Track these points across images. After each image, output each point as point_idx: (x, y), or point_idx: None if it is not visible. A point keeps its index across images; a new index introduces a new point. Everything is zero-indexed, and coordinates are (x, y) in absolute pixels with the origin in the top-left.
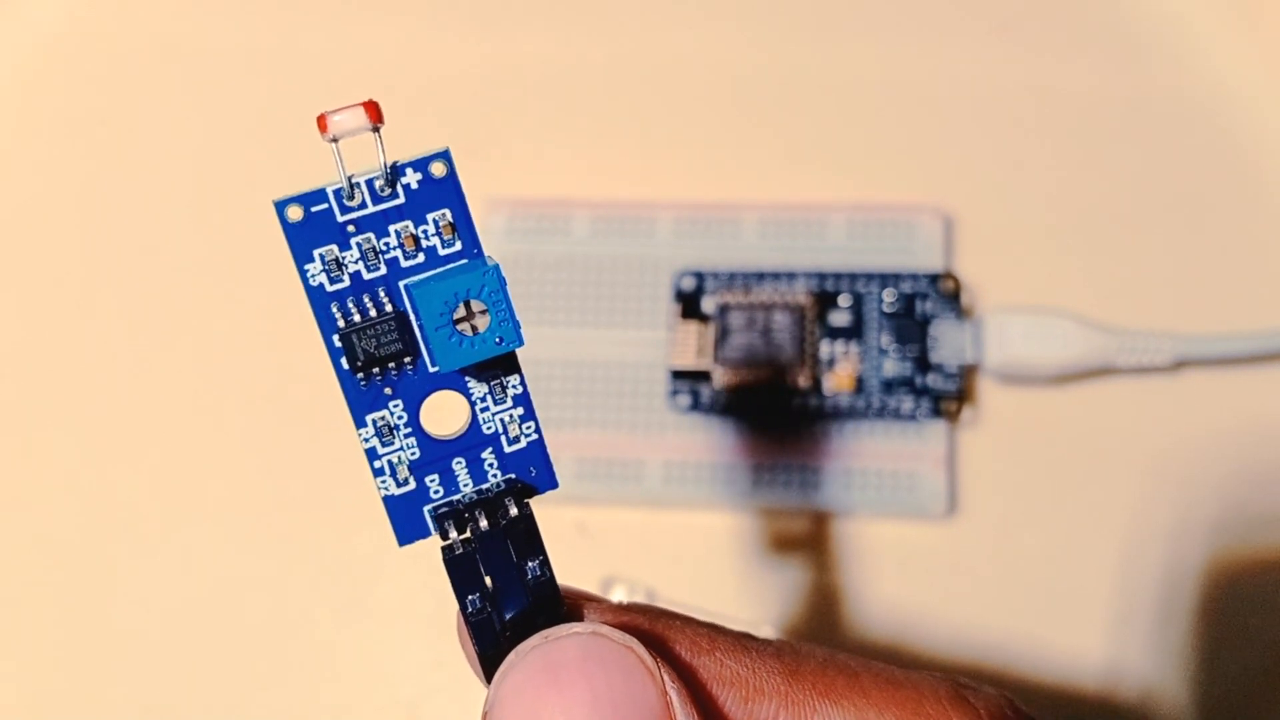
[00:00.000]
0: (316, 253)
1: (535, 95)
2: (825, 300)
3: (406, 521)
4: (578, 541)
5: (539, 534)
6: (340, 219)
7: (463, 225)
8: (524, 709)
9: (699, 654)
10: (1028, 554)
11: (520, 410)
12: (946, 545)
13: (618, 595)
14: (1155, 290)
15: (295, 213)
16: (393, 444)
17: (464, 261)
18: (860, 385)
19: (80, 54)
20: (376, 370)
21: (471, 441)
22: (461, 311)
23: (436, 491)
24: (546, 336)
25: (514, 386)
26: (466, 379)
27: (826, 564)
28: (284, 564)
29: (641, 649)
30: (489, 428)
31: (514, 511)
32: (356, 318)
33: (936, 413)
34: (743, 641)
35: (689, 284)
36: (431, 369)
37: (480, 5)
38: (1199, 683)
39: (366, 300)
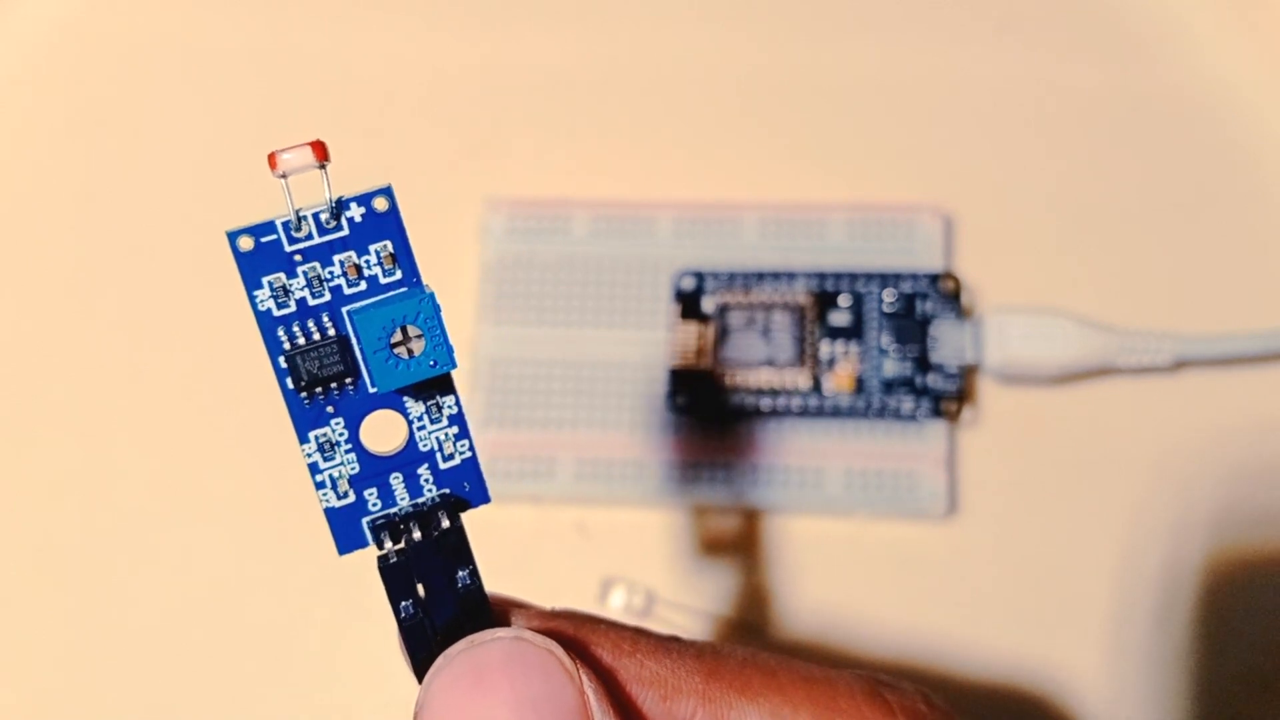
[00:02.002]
0: (265, 280)
1: (535, 95)
2: (825, 300)
3: (346, 532)
4: (577, 541)
5: (469, 545)
6: (288, 249)
7: (403, 256)
8: (450, 709)
9: (620, 656)
10: (1028, 554)
11: (455, 429)
12: (946, 545)
13: (618, 595)
14: (1155, 290)
15: (246, 243)
16: (334, 459)
17: (403, 290)
18: (860, 385)
19: (79, 54)
20: (319, 390)
21: (409, 458)
22: (399, 336)
23: (374, 504)
24: (546, 336)
25: (449, 407)
26: (404, 399)
27: (826, 564)
28: (284, 564)
29: (561, 652)
30: (425, 445)
31: (446, 524)
32: (301, 341)
33: (936, 413)
34: (664, 643)
35: (689, 284)
36: (371, 389)
37: (480, 5)
38: (1199, 682)
39: (311, 325)
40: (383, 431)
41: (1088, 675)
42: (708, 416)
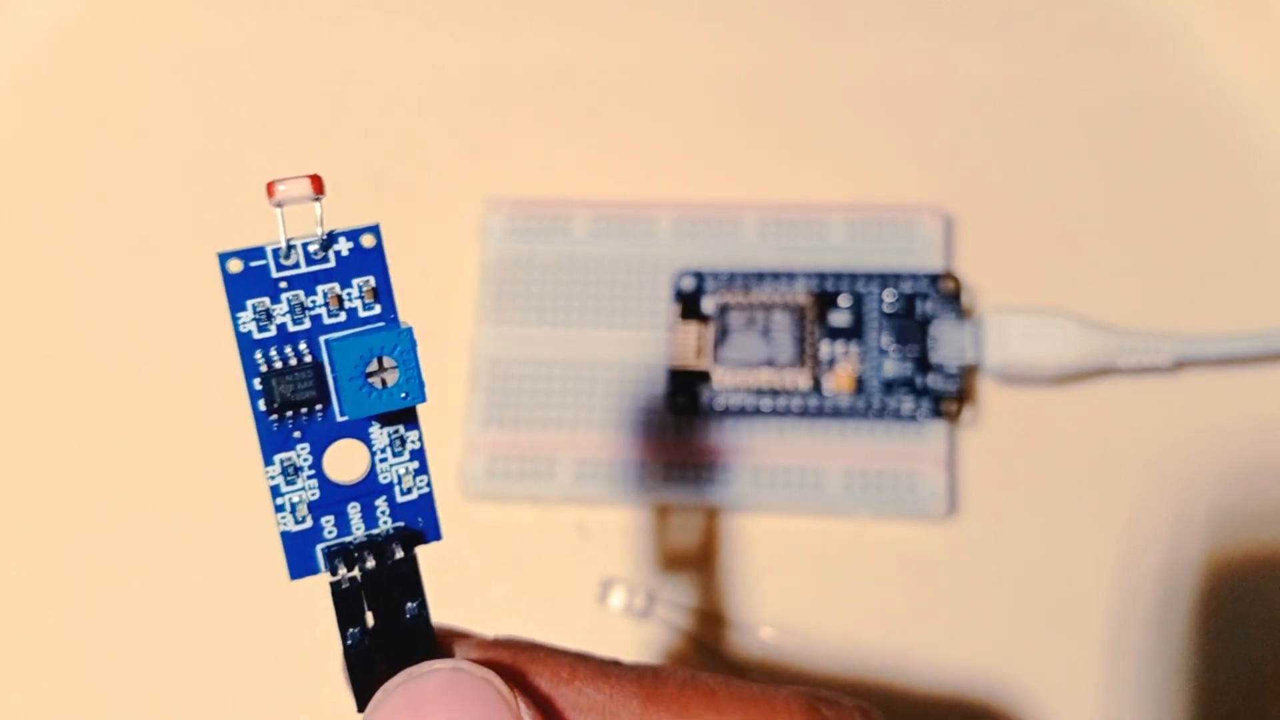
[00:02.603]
0: (249, 303)
1: (535, 95)
2: (825, 300)
3: (299, 557)
4: (577, 541)
5: (420, 577)
6: (275, 275)
7: (384, 291)
8: None
9: (559, 684)
10: (1028, 554)
11: (416, 464)
12: (946, 545)
13: (617, 595)
14: (1155, 290)
15: (235, 265)
16: (295, 484)
17: (381, 324)
18: (860, 385)
19: (79, 54)
20: (290, 413)
21: (368, 489)
22: (374, 366)
23: (330, 531)
24: (546, 336)
25: (413, 442)
26: (370, 431)
27: (826, 564)
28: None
29: (499, 681)
30: (385, 478)
31: (399, 555)
32: (278, 364)
33: (937, 413)
34: (603, 668)
35: (689, 284)
36: (340, 418)
37: (480, 5)
38: (1198, 682)
39: (289, 350)
40: (345, 461)
41: (1088, 675)
42: (708, 416)
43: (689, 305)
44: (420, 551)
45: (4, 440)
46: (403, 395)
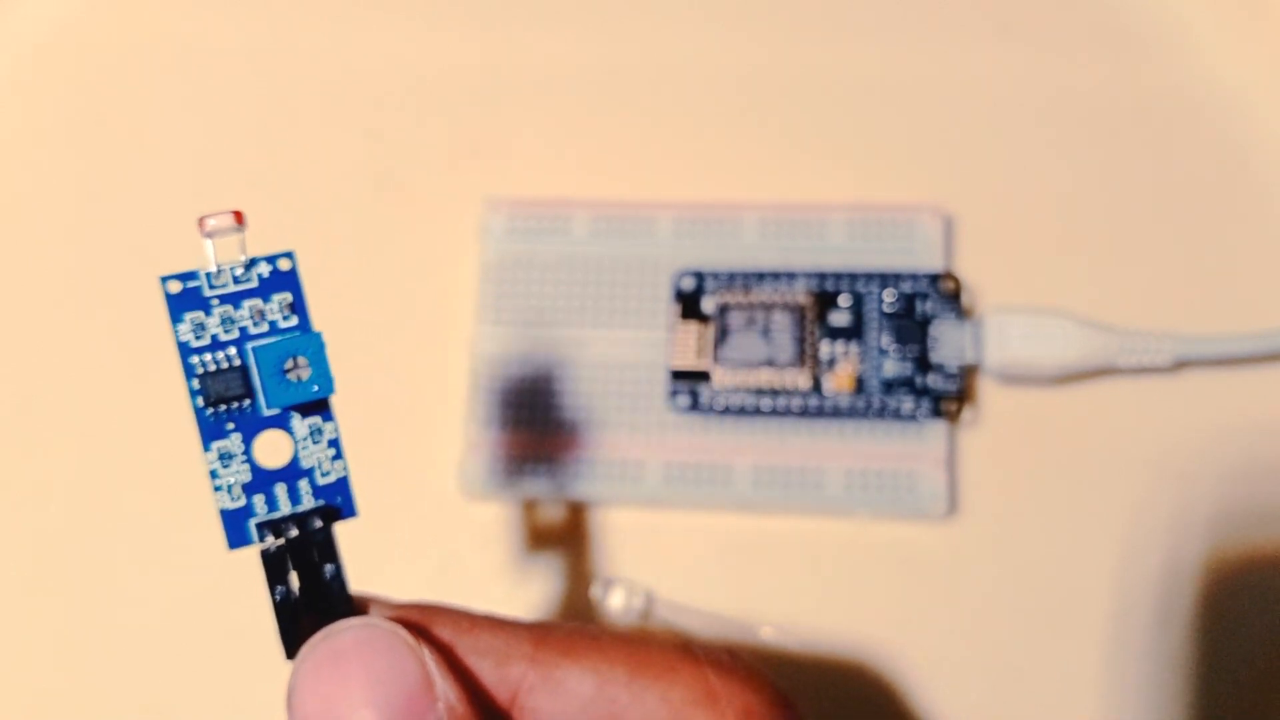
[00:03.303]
0: (187, 316)
1: (535, 95)
2: (825, 300)
3: (236, 530)
4: (577, 542)
5: (335, 545)
6: (207, 294)
7: (299, 305)
8: (314, 690)
9: (459, 633)
10: (1028, 554)
11: (333, 451)
12: (947, 546)
13: (617, 595)
14: (1155, 290)
15: (175, 286)
16: (230, 468)
17: (296, 332)
18: (860, 385)
19: (79, 54)
20: (223, 407)
21: (292, 472)
22: (290, 365)
23: (261, 509)
24: (546, 336)
25: (330, 432)
26: (292, 423)
27: (826, 564)
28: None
29: (405, 633)
30: (307, 463)
31: (318, 525)
32: (212, 367)
33: (937, 413)
34: (498, 620)
35: (689, 284)
36: (266, 411)
37: (480, 5)
38: (1198, 682)
39: (220, 355)
40: (272, 450)
41: (1088, 675)
42: (708, 416)
43: (689, 305)
44: (420, 552)
45: (4, 439)
46: (314, 388)
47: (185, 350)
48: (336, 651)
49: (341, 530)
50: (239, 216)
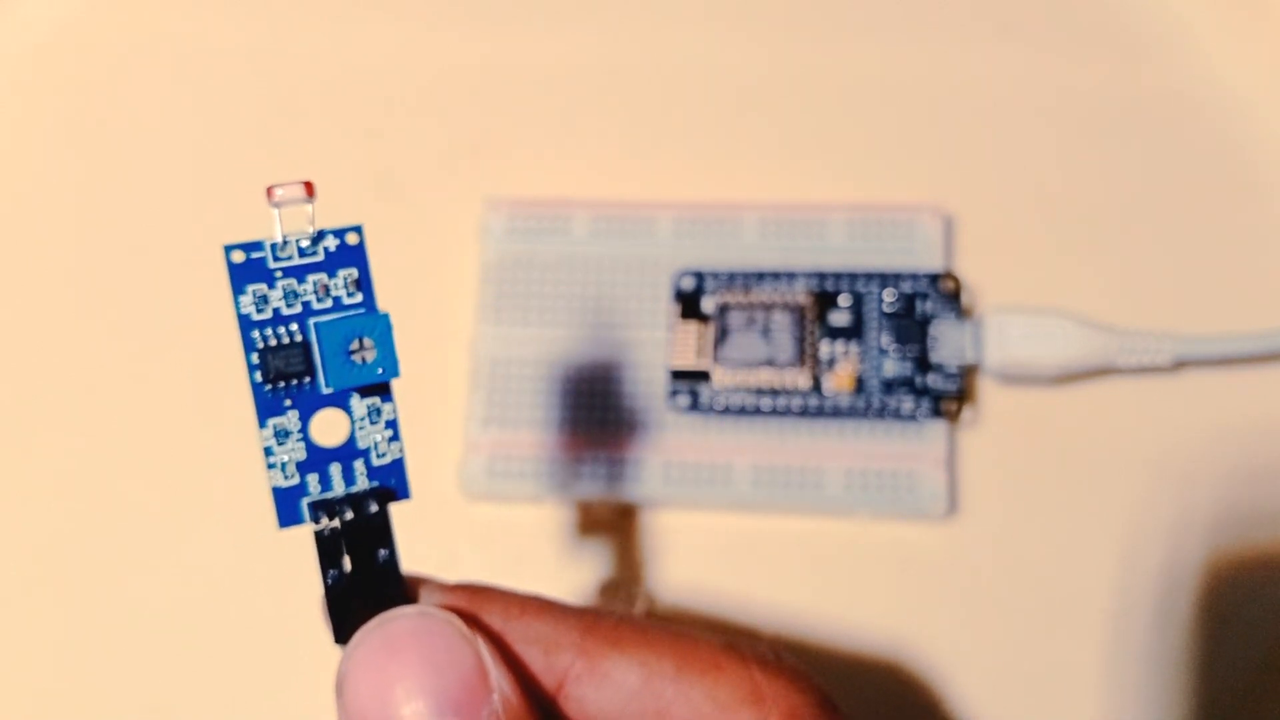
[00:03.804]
0: (250, 288)
1: (535, 95)
2: (825, 300)
3: (288, 509)
4: (577, 542)
5: (391, 528)
6: (271, 266)
7: (365, 282)
8: (369, 677)
9: (509, 620)
10: (1028, 554)
11: (390, 432)
12: (946, 546)
13: (617, 596)
14: (1155, 290)
15: (238, 255)
16: (285, 445)
17: (363, 310)
18: (860, 385)
19: (79, 54)
20: (282, 383)
21: (348, 452)
22: (355, 345)
23: (315, 488)
24: (546, 336)
25: (388, 413)
26: (350, 402)
27: (826, 565)
28: (284, 566)
29: (459, 622)
30: (364, 443)
31: (374, 509)
32: (273, 342)
33: (936, 413)
34: (548, 605)
35: (689, 284)
36: (325, 389)
37: (480, 5)
38: (1198, 682)
39: (282, 329)
40: (329, 428)
41: (1088, 675)
42: (708, 416)
43: (689, 305)
44: (419, 552)
45: (5, 439)
46: (379, 371)
47: (246, 323)
48: (391, 640)
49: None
50: (309, 188)
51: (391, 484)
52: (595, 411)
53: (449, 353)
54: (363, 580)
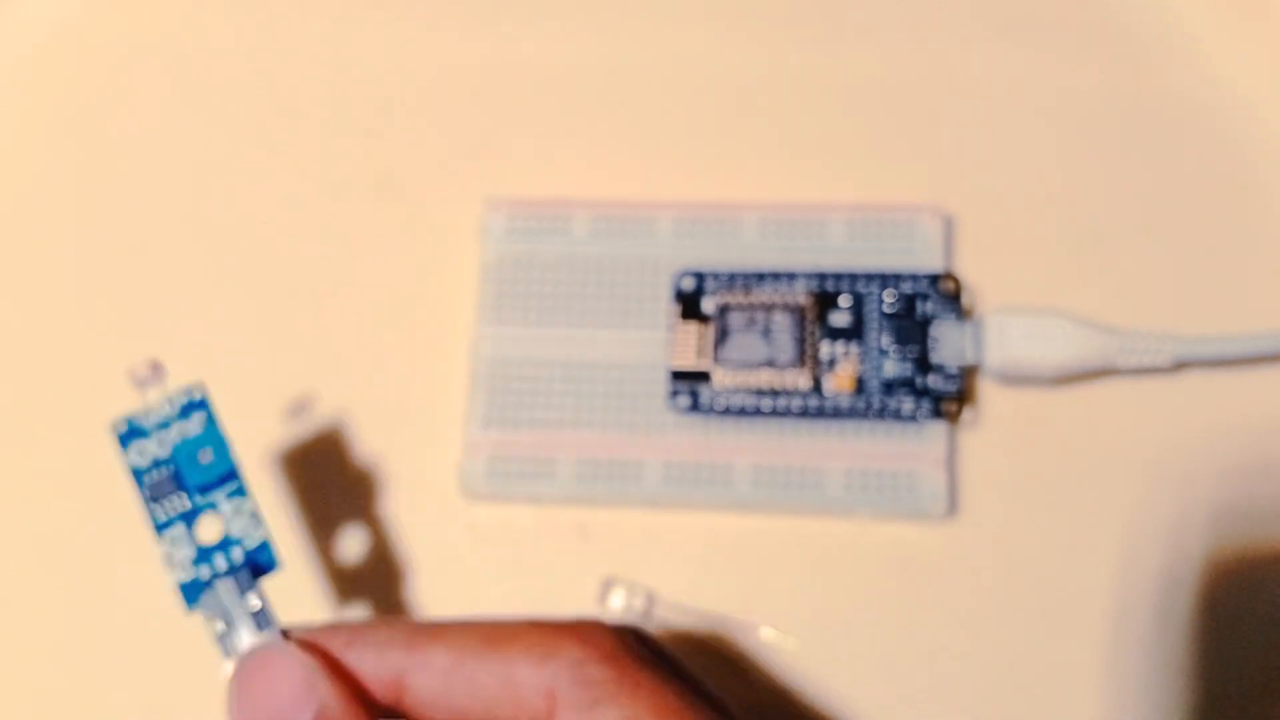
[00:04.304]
0: (132, 444)
1: (535, 95)
2: (825, 301)
3: (190, 595)
4: (577, 542)
5: (258, 587)
6: (145, 427)
7: (210, 419)
8: (232, 707)
9: (352, 638)
10: (1028, 554)
11: (254, 521)
12: (947, 546)
13: (617, 596)
14: (1155, 291)
15: (121, 426)
16: (179, 549)
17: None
18: (860, 386)
19: (78, 54)
20: (163, 506)
21: (224, 545)
22: (202, 455)
23: (204, 574)
24: (546, 336)
25: (249, 507)
26: (219, 505)
27: (826, 565)
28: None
29: (292, 647)
30: (235, 534)
31: (246, 575)
32: (155, 479)
33: (937, 413)
34: (388, 621)
35: (689, 284)
36: (196, 497)
37: (480, 5)
38: (1199, 682)
39: (160, 471)
40: (207, 529)
41: (1088, 675)
42: (708, 417)
43: (689, 305)
44: (421, 552)
45: (6, 439)
46: (220, 468)
47: (137, 473)
48: (241, 671)
49: (339, 540)
50: (155, 367)
51: (261, 560)
52: (595, 412)
53: (449, 353)
54: (243, 625)
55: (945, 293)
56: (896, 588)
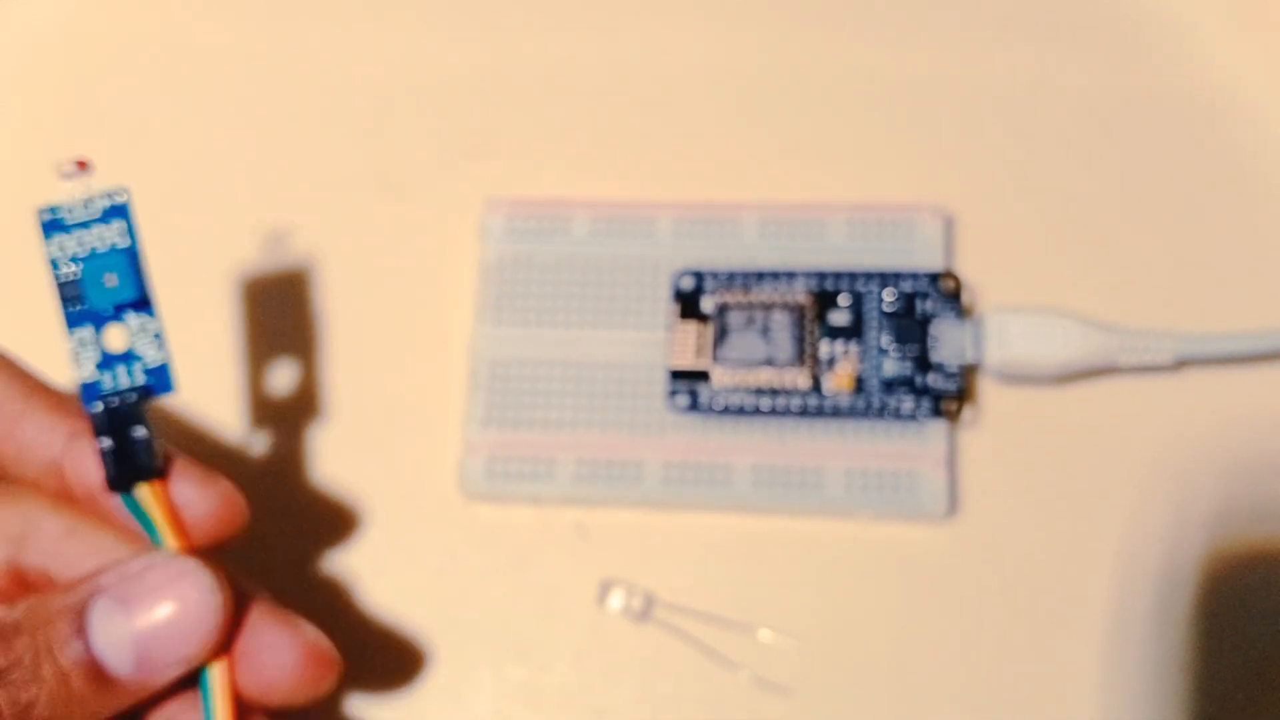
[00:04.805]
0: (55, 238)
1: (535, 96)
2: (825, 300)
3: (88, 396)
4: (577, 542)
5: (143, 413)
6: (68, 222)
7: (130, 230)
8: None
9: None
10: (1028, 554)
11: (156, 342)
12: (947, 546)
13: (616, 596)
14: (1156, 289)
15: (45, 215)
16: (86, 350)
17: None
18: (860, 385)
19: (78, 55)
20: (74, 306)
21: (127, 356)
22: (107, 277)
23: (108, 382)
24: (546, 337)
25: (153, 328)
26: (126, 318)
27: (826, 565)
28: (286, 564)
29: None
30: (139, 350)
31: (133, 399)
32: (66, 279)
33: (937, 413)
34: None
35: (688, 284)
36: (99, 309)
37: (480, 7)
38: (1199, 681)
39: (69, 270)
40: (116, 339)
41: (1088, 674)
42: (707, 416)
43: (688, 305)
44: (420, 551)
45: None
46: (124, 294)
47: (54, 267)
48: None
49: (339, 537)
50: (82, 165)
51: (157, 381)
52: (595, 412)
53: (449, 353)
54: (125, 449)
55: (945, 291)
56: (896, 587)
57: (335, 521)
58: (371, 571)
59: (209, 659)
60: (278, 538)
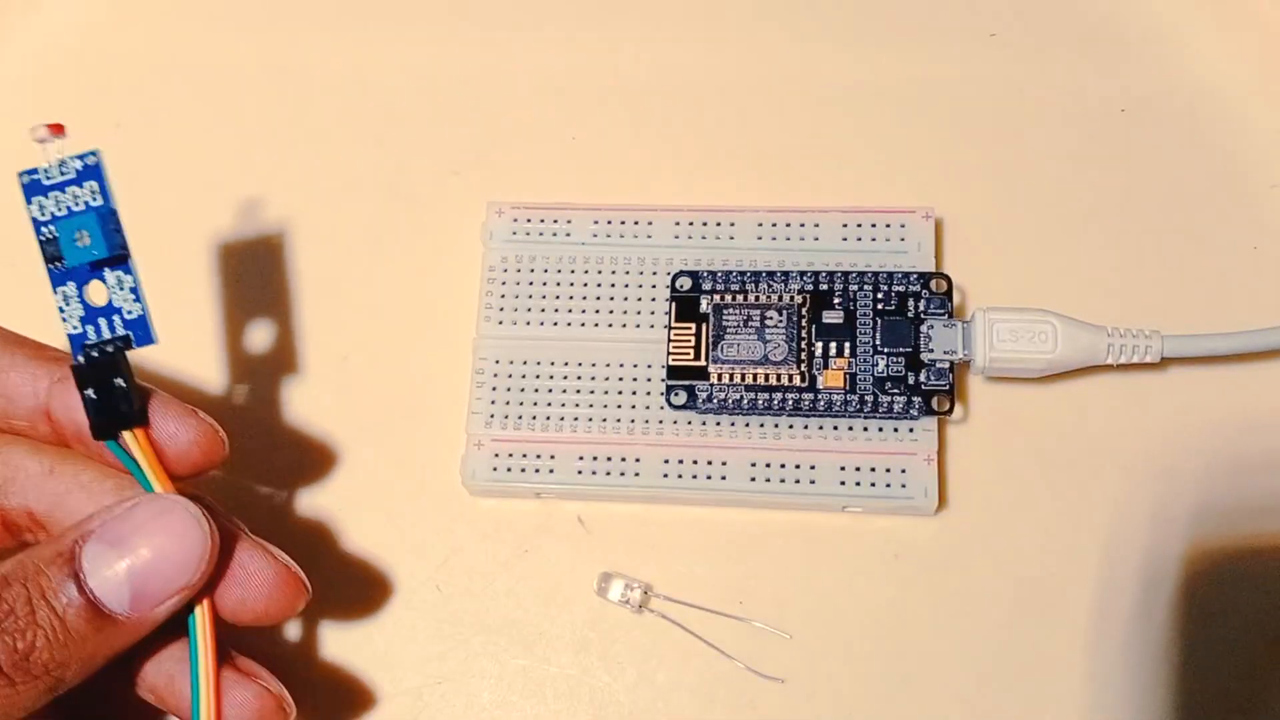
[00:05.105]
0: (35, 200)
1: (537, 102)
2: (819, 300)
3: (75, 347)
4: (577, 537)
5: (121, 364)
6: (45, 184)
7: (103, 189)
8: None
9: None
10: (1016, 547)
11: (132, 296)
12: (936, 539)
13: (616, 589)
14: (1141, 289)
15: (26, 179)
16: (70, 306)
17: (92, 213)
18: (853, 383)
19: (84, 61)
20: (56, 264)
21: (107, 310)
22: (79, 235)
23: (90, 334)
24: (547, 336)
25: (130, 282)
26: (105, 275)
27: (818, 559)
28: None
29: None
30: (117, 304)
31: (110, 350)
32: (49, 238)
33: (927, 410)
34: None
35: (685, 285)
36: (74, 266)
37: (484, 14)
38: (1182, 675)
39: (48, 229)
40: (96, 294)
41: (1073, 668)
42: (704, 414)
43: (686, 305)
44: (425, 546)
45: None
46: (94, 252)
47: (36, 225)
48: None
49: (345, 530)
50: (56, 129)
51: (131, 333)
52: (594, 409)
53: (453, 352)
54: (107, 399)
55: (936, 292)
56: (887, 579)
57: (343, 515)
58: (378, 564)
59: (201, 587)
60: (286, 533)
